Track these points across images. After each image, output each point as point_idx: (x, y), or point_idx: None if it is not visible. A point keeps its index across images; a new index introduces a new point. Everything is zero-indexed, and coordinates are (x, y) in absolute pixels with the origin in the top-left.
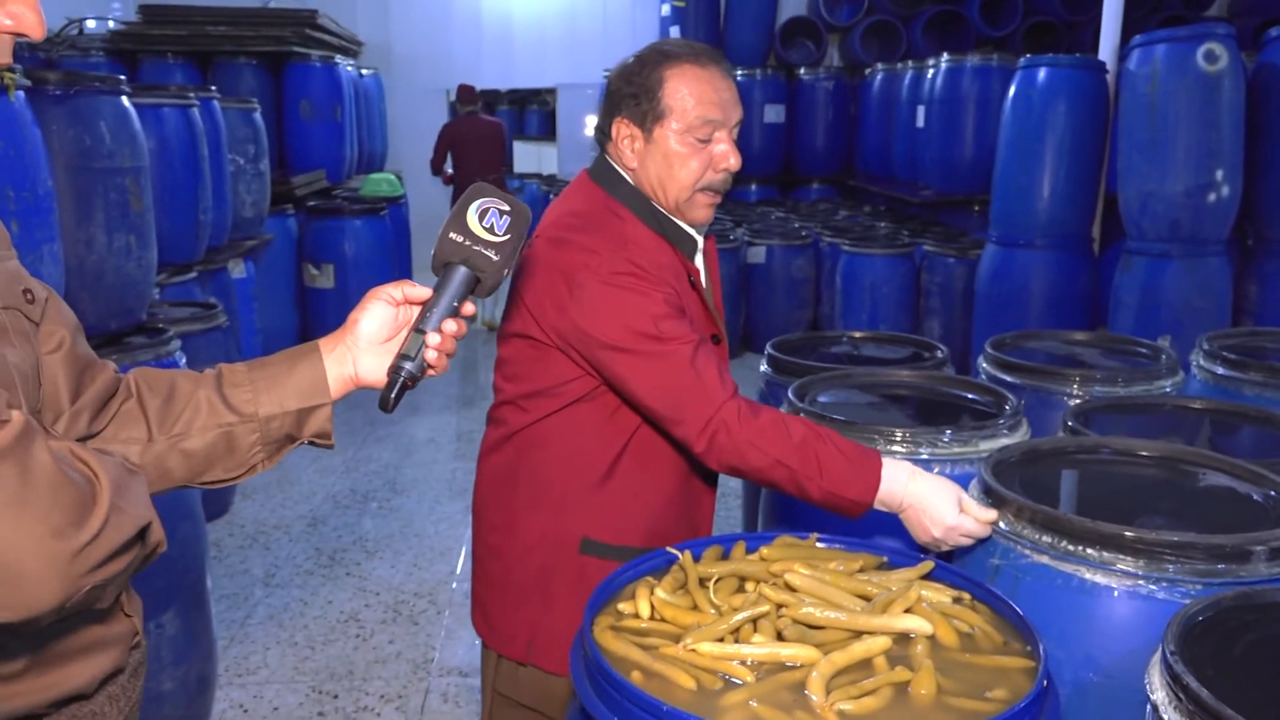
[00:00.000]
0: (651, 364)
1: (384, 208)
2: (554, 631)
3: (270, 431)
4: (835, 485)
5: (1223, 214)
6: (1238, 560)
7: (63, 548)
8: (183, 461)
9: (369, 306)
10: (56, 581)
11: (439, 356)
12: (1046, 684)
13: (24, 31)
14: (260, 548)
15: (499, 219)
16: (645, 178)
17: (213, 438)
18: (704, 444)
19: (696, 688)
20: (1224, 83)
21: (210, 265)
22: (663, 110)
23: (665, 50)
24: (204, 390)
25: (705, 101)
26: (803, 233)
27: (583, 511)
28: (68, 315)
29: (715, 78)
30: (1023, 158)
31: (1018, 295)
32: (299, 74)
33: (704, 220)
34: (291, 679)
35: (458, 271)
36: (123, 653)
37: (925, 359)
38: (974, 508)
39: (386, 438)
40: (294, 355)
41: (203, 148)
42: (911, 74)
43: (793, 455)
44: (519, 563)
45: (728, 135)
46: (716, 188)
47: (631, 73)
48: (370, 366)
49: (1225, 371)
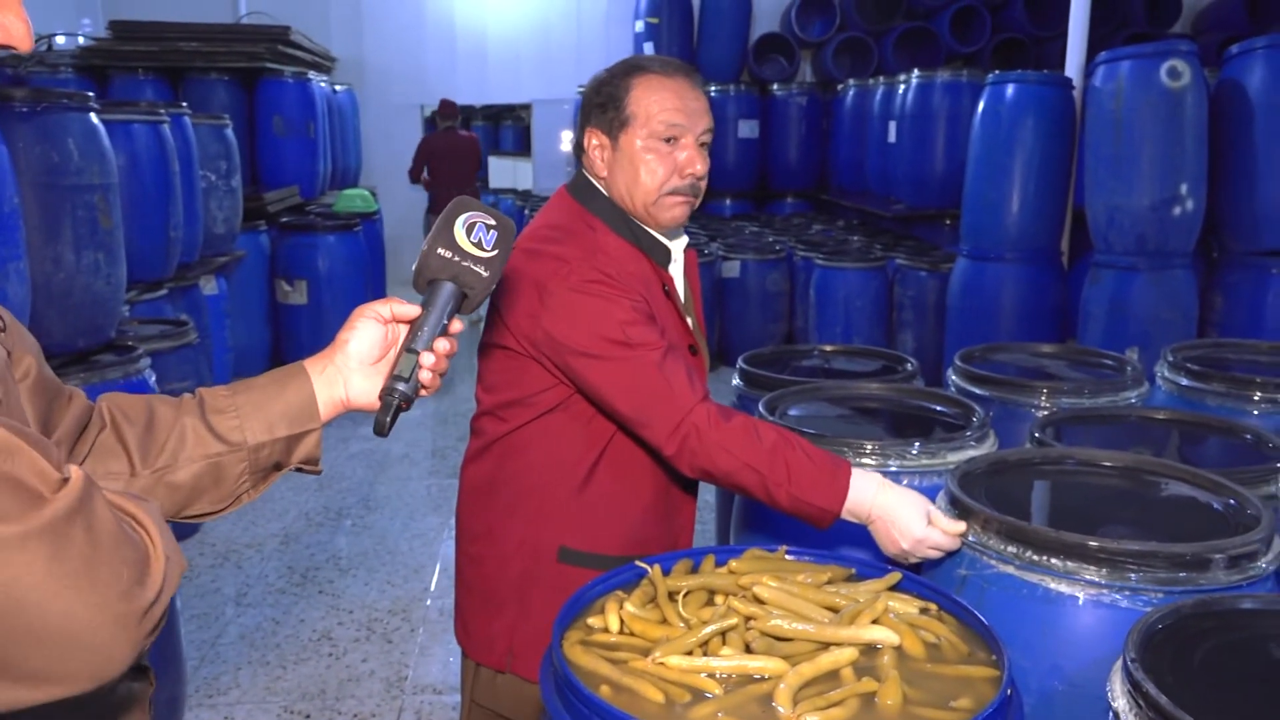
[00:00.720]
0: (620, 369)
1: (358, 223)
2: (532, 640)
3: (259, 460)
4: (803, 492)
5: (1188, 227)
6: (1198, 568)
7: (132, 609)
8: (169, 495)
9: (358, 325)
10: (129, 645)
11: (433, 376)
12: (1010, 693)
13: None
14: (232, 566)
15: (486, 234)
16: (615, 186)
17: (200, 469)
18: (674, 447)
19: (665, 701)
20: (1187, 98)
21: (181, 282)
22: (628, 117)
23: (635, 62)
24: (188, 418)
25: (668, 108)
26: (777, 247)
27: (561, 520)
28: (29, 340)
29: (681, 87)
30: (992, 173)
31: (989, 308)
32: (272, 90)
33: (675, 221)
34: (263, 699)
35: (444, 288)
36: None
37: (895, 372)
38: (942, 520)
39: (360, 454)
40: (280, 378)
41: (174, 164)
42: (883, 89)
43: (762, 460)
44: (497, 571)
45: (693, 142)
46: (684, 192)
47: (601, 83)
48: (361, 388)
49: (1189, 382)
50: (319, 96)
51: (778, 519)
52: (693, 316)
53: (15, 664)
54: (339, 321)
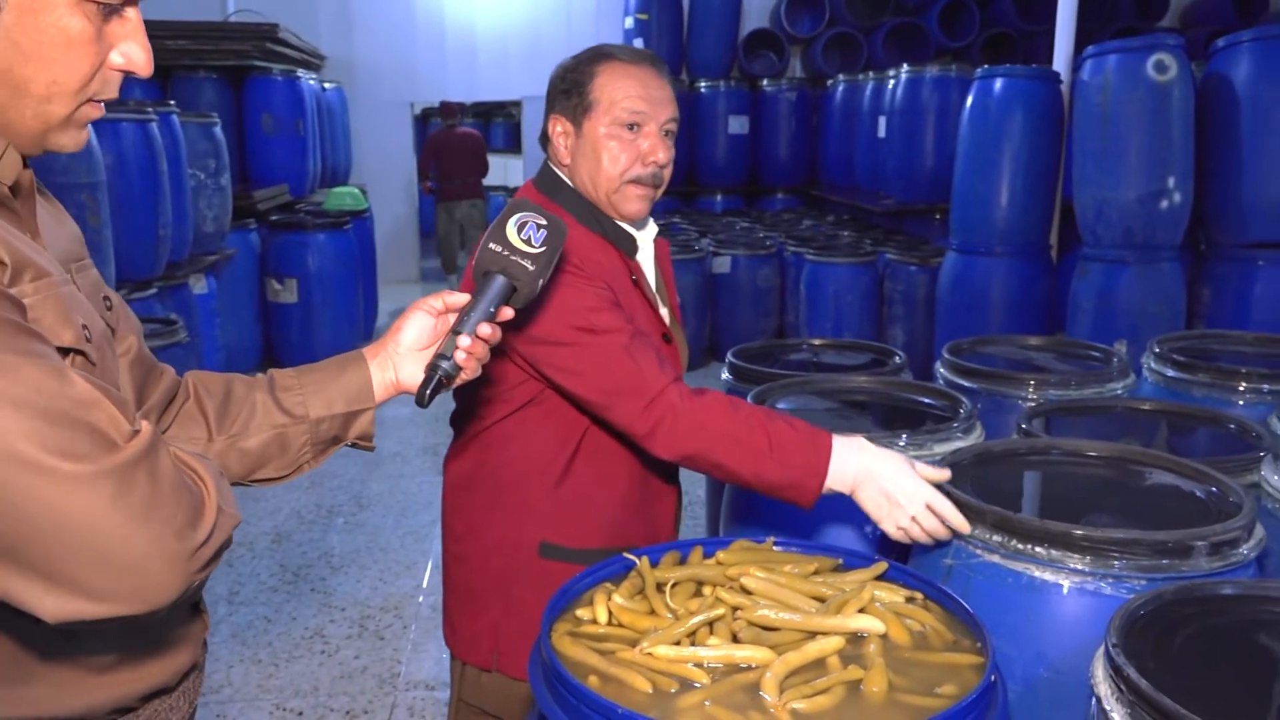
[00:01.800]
0: (587, 354)
1: (348, 221)
2: (517, 637)
3: (319, 433)
4: (786, 457)
5: (1175, 220)
6: (1180, 555)
7: (183, 547)
8: (240, 459)
9: (411, 316)
10: (179, 578)
11: (468, 359)
12: (994, 679)
13: (134, 70)
14: (223, 565)
15: (536, 231)
16: (578, 173)
17: (267, 438)
18: (647, 426)
19: (652, 690)
20: (1174, 92)
21: (171, 281)
22: (591, 103)
23: (600, 50)
24: (258, 393)
25: (632, 94)
26: (767, 242)
27: (541, 515)
28: (134, 320)
29: (646, 75)
30: (981, 167)
31: (978, 302)
32: (260, 88)
33: (636, 214)
34: (255, 697)
35: (495, 280)
36: (199, 648)
37: (883, 365)
38: (927, 470)
39: (352, 452)
40: (341, 362)
41: (162, 163)
42: (872, 85)
43: (740, 429)
44: (480, 569)
45: (657, 130)
46: (646, 181)
47: (567, 70)
48: (410, 373)
49: (1175, 374)
50: (308, 94)
51: (766, 510)
52: (667, 306)
53: (82, 580)
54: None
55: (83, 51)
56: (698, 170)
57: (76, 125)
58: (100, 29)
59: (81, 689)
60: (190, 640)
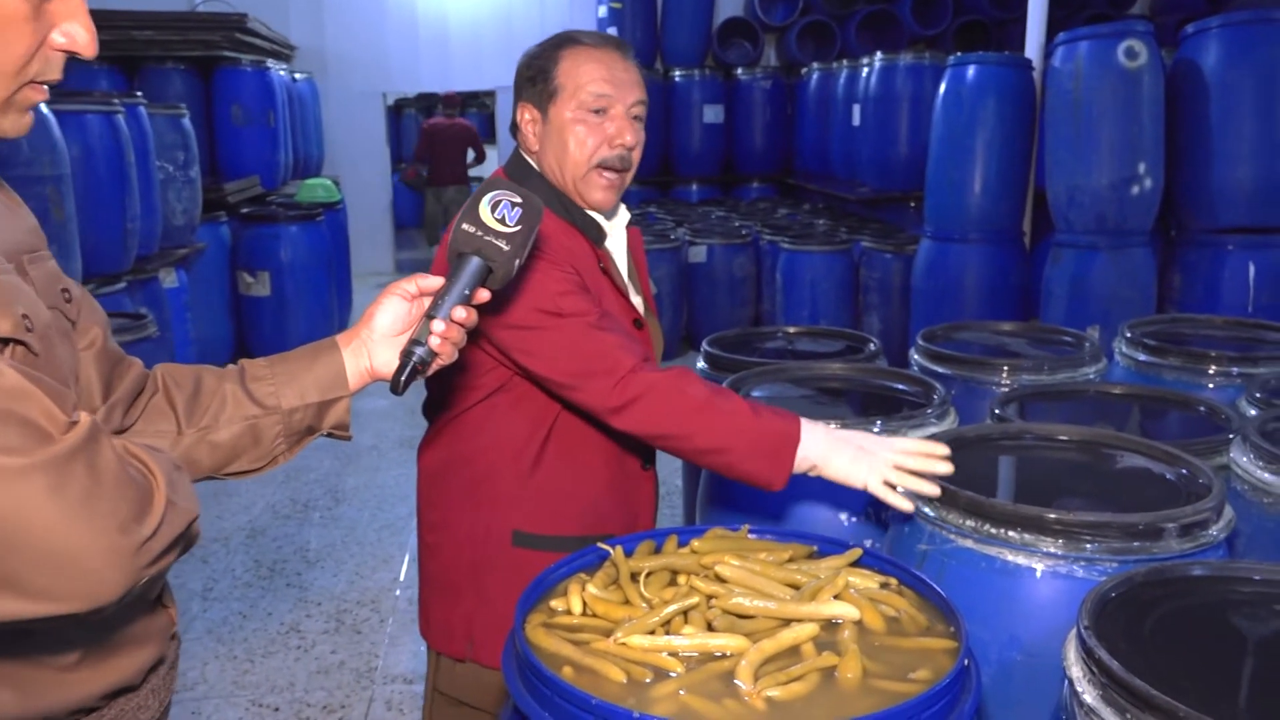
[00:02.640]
0: (554, 336)
1: (320, 213)
2: (491, 627)
3: (293, 423)
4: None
5: (1146, 206)
6: (1151, 538)
7: (127, 542)
8: (210, 453)
9: (384, 302)
10: (121, 574)
11: (443, 343)
12: (968, 663)
13: (77, 50)
14: (197, 561)
15: (510, 210)
16: (546, 160)
17: (239, 430)
18: (617, 399)
19: (627, 680)
20: (1144, 78)
21: (140, 275)
22: (556, 88)
23: (565, 35)
24: (229, 384)
25: (596, 78)
26: (743, 231)
27: (513, 504)
28: (99, 313)
29: (610, 58)
30: (954, 154)
31: (953, 289)
32: (230, 79)
33: (603, 202)
34: (231, 693)
35: (470, 261)
36: (164, 643)
37: (858, 352)
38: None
39: (327, 445)
40: (314, 350)
41: (129, 155)
42: (846, 73)
43: (712, 398)
44: (454, 559)
45: (623, 113)
46: (613, 165)
47: (533, 57)
48: (385, 359)
49: (1146, 357)
50: (278, 85)
51: (742, 495)
52: (639, 294)
53: (21, 580)
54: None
55: (18, 31)
56: (673, 160)
57: (18, 109)
58: (38, 7)
59: (40, 690)
60: (154, 636)
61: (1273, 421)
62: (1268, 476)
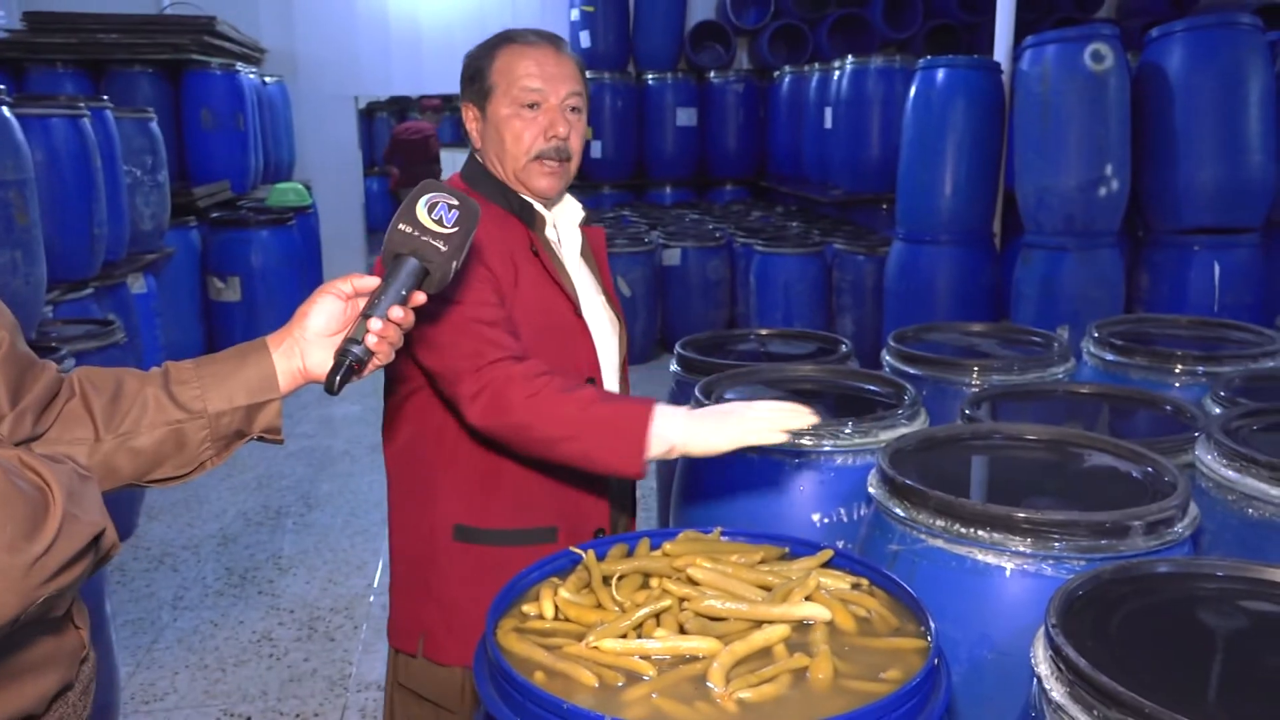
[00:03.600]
0: (438, 326)
1: (291, 218)
2: (439, 623)
3: (220, 428)
4: (608, 408)
5: (1113, 207)
6: (1118, 535)
7: (16, 561)
8: (131, 460)
9: (318, 300)
10: (11, 595)
11: (380, 343)
12: (938, 662)
13: None
14: (168, 569)
15: (447, 212)
16: (489, 156)
17: (161, 435)
18: (473, 389)
19: (599, 685)
20: (1110, 81)
21: (108, 281)
22: (491, 86)
23: (501, 35)
24: (151, 388)
25: (527, 73)
26: (717, 234)
27: (448, 497)
28: (6, 315)
29: (542, 54)
30: (924, 156)
31: (924, 290)
32: (199, 82)
33: (546, 190)
34: (202, 703)
35: (406, 262)
36: (72, 668)
37: (830, 354)
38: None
39: (300, 452)
40: (242, 351)
41: (95, 159)
42: (818, 76)
43: (564, 389)
44: (403, 555)
45: (557, 106)
46: (551, 155)
47: (472, 58)
48: (319, 360)
49: (1113, 357)
50: (248, 88)
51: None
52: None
53: None
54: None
55: None
56: (647, 163)
57: None
58: None
59: None
60: (59, 660)
61: (1237, 419)
62: (1231, 474)
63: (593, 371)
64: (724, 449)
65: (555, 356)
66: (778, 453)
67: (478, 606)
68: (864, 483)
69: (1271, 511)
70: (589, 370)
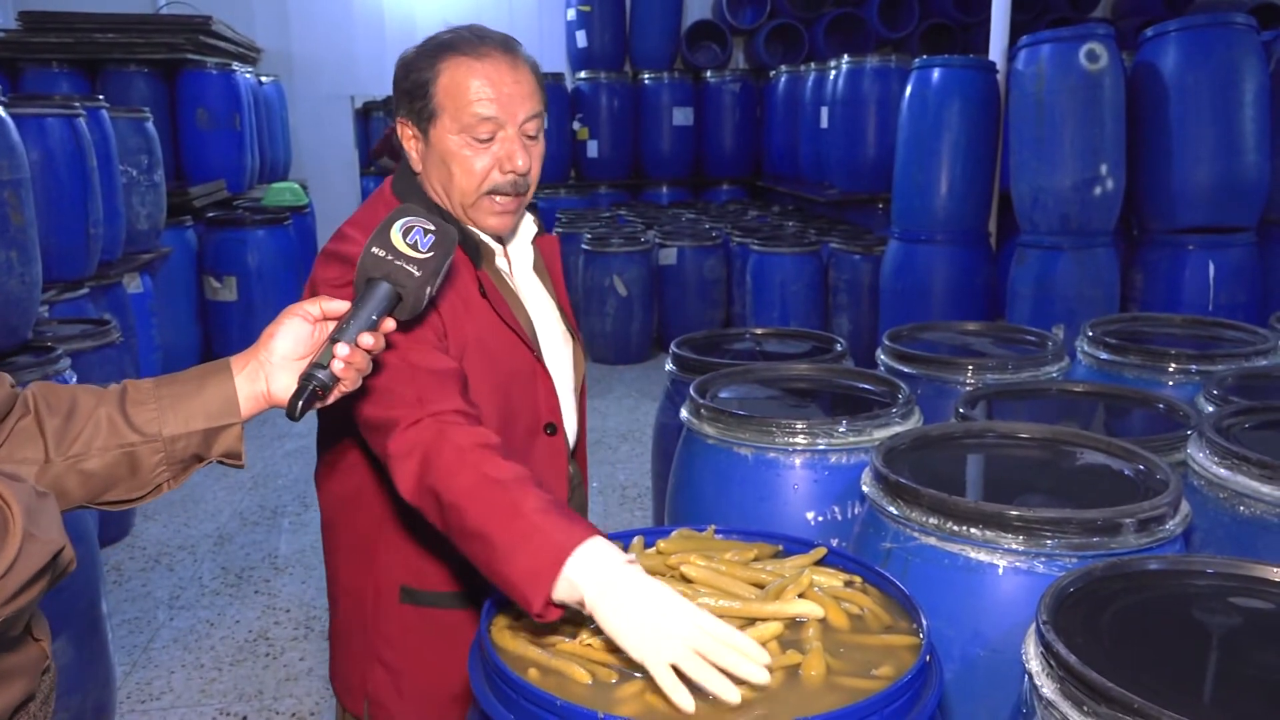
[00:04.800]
0: (374, 371)
1: (287, 217)
2: (389, 688)
3: (175, 452)
4: (536, 520)
5: (1108, 207)
6: (1109, 533)
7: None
8: (81, 482)
9: (285, 323)
10: None
11: (346, 368)
12: (930, 659)
13: None
14: (164, 569)
15: (423, 237)
16: (430, 182)
17: (113, 458)
18: (396, 447)
19: (592, 681)
20: (1105, 81)
21: (103, 281)
22: (435, 109)
23: (442, 40)
24: (105, 408)
25: (480, 98)
26: (713, 233)
27: (391, 557)
28: None
29: (495, 70)
30: (920, 156)
31: (920, 290)
32: (194, 82)
33: (497, 228)
34: (198, 702)
35: (379, 287)
36: (33, 679)
37: (826, 353)
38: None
39: (296, 452)
40: (204, 373)
41: (90, 159)
42: (814, 75)
43: (501, 478)
44: (346, 615)
45: (515, 134)
46: (505, 190)
47: (409, 67)
48: (284, 384)
49: (1108, 356)
50: (244, 88)
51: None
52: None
53: None
54: (270, 318)
55: None
56: (643, 163)
57: None
58: None
59: None
60: (21, 673)
61: (1229, 418)
62: (1223, 472)
63: (553, 416)
64: (629, 653)
65: (513, 407)
66: (772, 450)
67: (428, 672)
68: (858, 481)
69: (1263, 509)
70: (549, 415)
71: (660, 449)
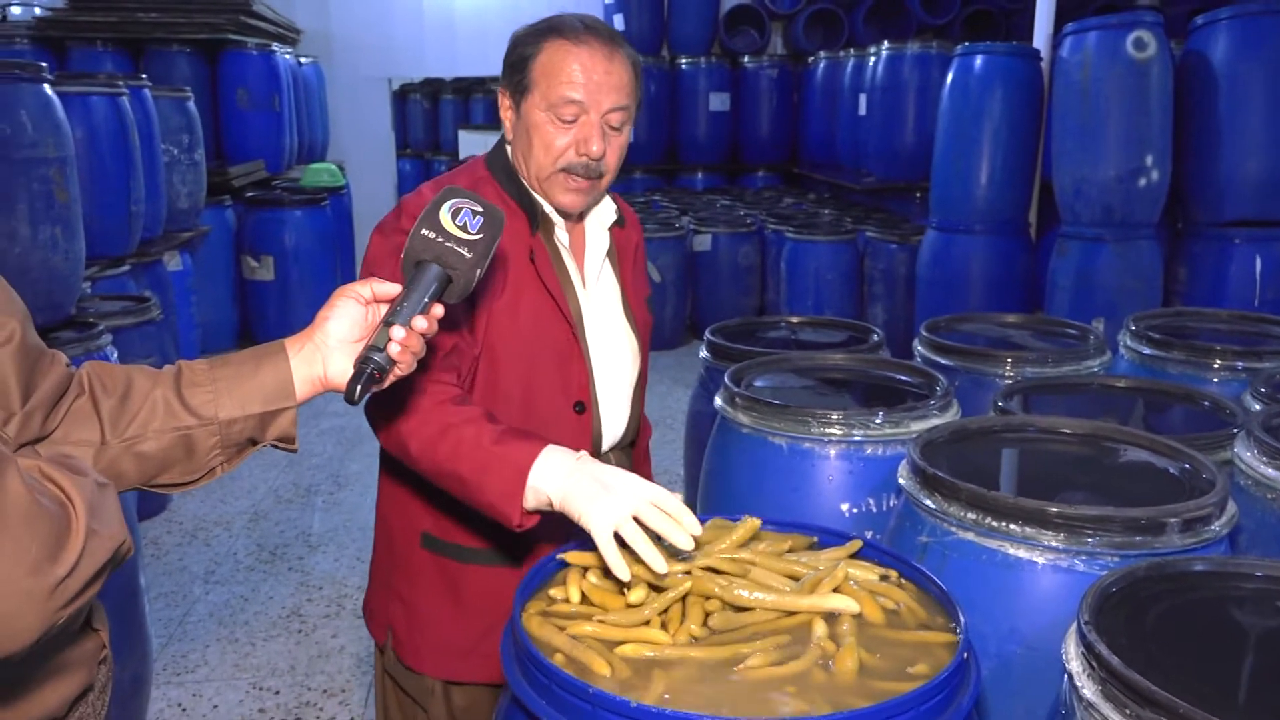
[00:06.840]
0: None
1: (325, 198)
2: (404, 623)
3: (231, 435)
4: (494, 449)
5: (1153, 198)
6: (1153, 532)
7: (40, 584)
8: (136, 465)
9: (338, 305)
10: (34, 618)
11: (403, 352)
12: (966, 657)
13: None
14: (200, 544)
15: (472, 218)
16: (516, 152)
17: (169, 441)
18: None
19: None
20: (1153, 70)
21: (144, 258)
22: (529, 83)
23: (551, 23)
24: (161, 389)
25: (569, 80)
26: (748, 220)
27: (419, 505)
28: (16, 303)
29: (590, 57)
30: (960, 144)
31: (958, 280)
32: (235, 62)
33: (568, 205)
34: (232, 675)
35: (429, 269)
36: (91, 670)
37: (861, 343)
38: None
39: (330, 431)
40: (259, 355)
41: (133, 137)
42: (854, 62)
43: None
44: (379, 552)
45: (596, 120)
46: (579, 171)
47: (518, 40)
48: (340, 367)
49: (1150, 351)
50: (284, 69)
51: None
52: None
53: None
54: (307, 297)
55: None
56: (679, 148)
57: None
58: None
59: None
60: (80, 664)
61: (1278, 416)
62: (1271, 472)
63: (583, 396)
64: (586, 528)
65: (538, 376)
66: (807, 440)
67: (436, 619)
68: (894, 473)
69: None
70: (579, 394)
71: (693, 436)
